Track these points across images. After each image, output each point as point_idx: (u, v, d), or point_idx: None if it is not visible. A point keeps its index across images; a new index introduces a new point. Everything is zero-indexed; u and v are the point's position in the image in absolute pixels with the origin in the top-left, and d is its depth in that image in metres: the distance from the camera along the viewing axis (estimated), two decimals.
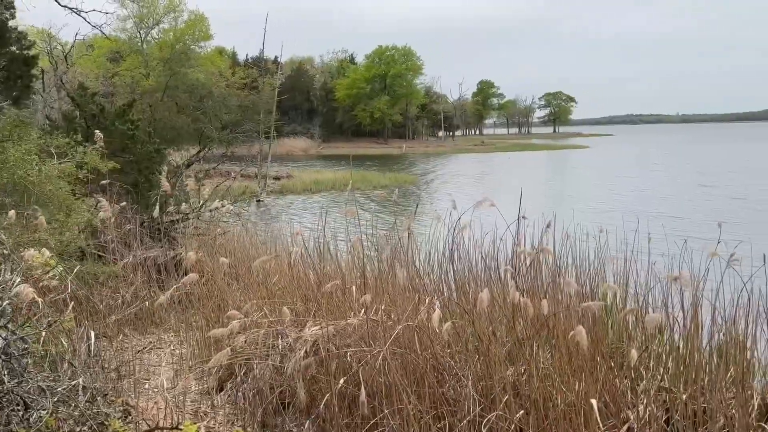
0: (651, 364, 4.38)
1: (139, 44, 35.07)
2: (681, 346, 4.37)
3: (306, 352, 3.52)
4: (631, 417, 3.74)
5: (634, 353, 3.25)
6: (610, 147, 65.09)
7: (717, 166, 33.01)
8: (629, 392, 4.10)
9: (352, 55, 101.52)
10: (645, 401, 3.98)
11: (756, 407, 4.03)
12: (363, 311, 3.80)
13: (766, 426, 3.73)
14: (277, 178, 30.34)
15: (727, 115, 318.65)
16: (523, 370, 3.74)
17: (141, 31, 36.23)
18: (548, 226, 4.35)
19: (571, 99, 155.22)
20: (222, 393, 4.63)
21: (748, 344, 4.48)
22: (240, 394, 4.31)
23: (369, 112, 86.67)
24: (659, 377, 4.23)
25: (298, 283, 5.19)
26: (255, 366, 4.17)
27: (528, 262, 4.07)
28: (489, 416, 3.38)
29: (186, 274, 4.34)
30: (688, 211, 15.75)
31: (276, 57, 48.93)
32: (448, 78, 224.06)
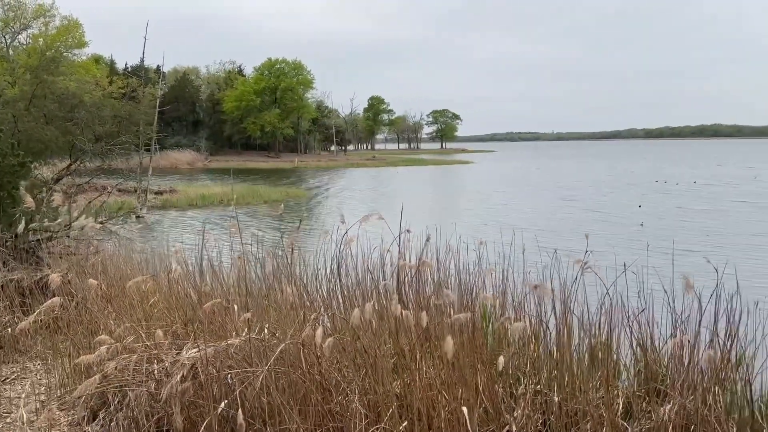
0: (527, 370, 4.59)
1: (4, 50, 32.31)
2: (554, 351, 4.62)
3: (183, 376, 3.35)
4: (510, 421, 3.90)
5: (501, 360, 3.39)
6: (492, 162, 68.46)
7: (580, 181, 35.69)
8: (508, 397, 4.27)
9: (240, 66, 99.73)
10: (522, 405, 4.17)
11: (621, 406, 4.35)
12: (246, 330, 3.69)
13: (628, 425, 4.00)
14: (159, 193, 28.94)
15: (596, 134, 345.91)
16: (408, 382, 3.79)
17: (6, 36, 33.42)
18: (428, 239, 4.46)
19: (457, 116, 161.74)
20: (95, 423, 4.30)
21: (614, 347, 4.84)
22: (114, 423, 4.03)
23: (259, 125, 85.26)
24: (535, 382, 4.45)
25: (177, 303, 4.96)
26: (129, 393, 3.92)
27: (411, 275, 4.14)
28: (373, 429, 3.39)
29: (54, 297, 4.00)
30: (556, 223, 16.82)
31: (158, 66, 47.06)
32: (340, 93, 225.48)
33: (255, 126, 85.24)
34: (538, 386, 4.39)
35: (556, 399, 4.10)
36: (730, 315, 4.32)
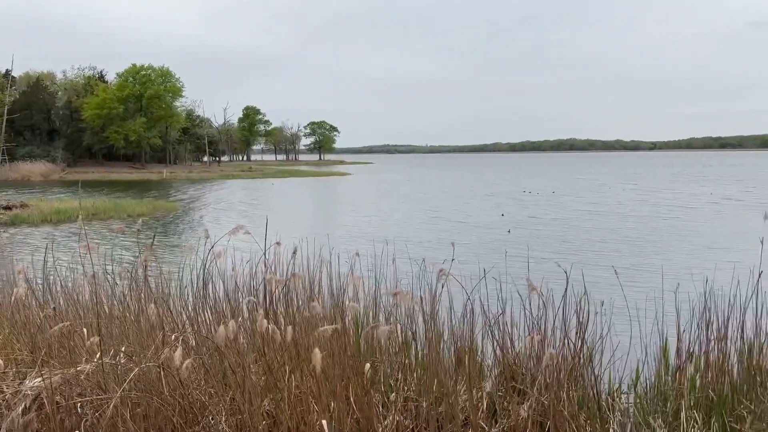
0: (399, 376, 4.68)
1: None
2: (423, 357, 4.75)
3: (26, 407, 3.04)
4: (381, 429, 3.94)
5: (367, 367, 3.43)
6: (369, 174, 69.59)
7: (450, 191, 37.36)
8: (380, 406, 4.33)
9: (101, 72, 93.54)
10: (393, 412, 4.24)
11: (486, 407, 4.55)
12: (99, 355, 3.43)
13: (491, 424, 4.18)
14: (7, 208, 26.31)
15: (465, 147, 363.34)
16: (279, 399, 3.72)
17: None
18: (295, 252, 4.42)
19: (335, 128, 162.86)
20: None
21: (479, 351, 5.07)
22: None
23: (123, 135, 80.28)
24: (406, 389, 4.54)
25: (23, 328, 4.51)
26: None
27: (280, 288, 4.08)
28: None
29: None
30: (426, 233, 17.42)
31: (7, 70, 42.64)
32: (213, 102, 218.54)
33: (118, 135, 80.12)
34: (409, 393, 4.49)
35: (425, 404, 4.21)
36: (579, 315, 4.68)
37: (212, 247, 4.37)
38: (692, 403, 4.33)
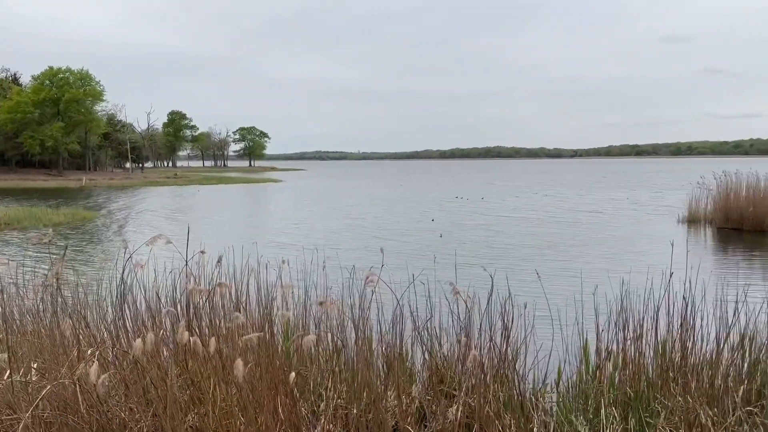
0: (329, 384, 4.65)
1: None
2: (355, 364, 4.74)
3: None
4: None
5: (292, 376, 3.39)
6: (301, 180, 68.99)
7: (382, 198, 37.63)
8: (311, 414, 4.28)
9: (15, 74, 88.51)
10: (323, 421, 4.20)
11: (415, 411, 4.59)
12: (8, 373, 3.23)
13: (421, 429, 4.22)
14: None
15: (397, 154, 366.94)
16: (204, 413, 3.61)
17: None
18: (219, 260, 4.32)
19: (265, 134, 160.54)
20: None
21: (409, 356, 5.11)
22: None
23: (39, 140, 76.10)
24: (336, 396, 4.51)
25: None
26: None
27: (204, 298, 3.97)
28: None
29: None
30: (357, 239, 17.45)
31: None
32: (136, 107, 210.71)
33: (33, 141, 75.89)
34: (339, 401, 4.46)
35: (355, 411, 4.20)
36: (504, 317, 4.80)
37: (130, 257, 4.21)
38: (611, 401, 4.52)
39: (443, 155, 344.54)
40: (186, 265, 4.07)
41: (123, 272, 4.02)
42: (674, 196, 30.17)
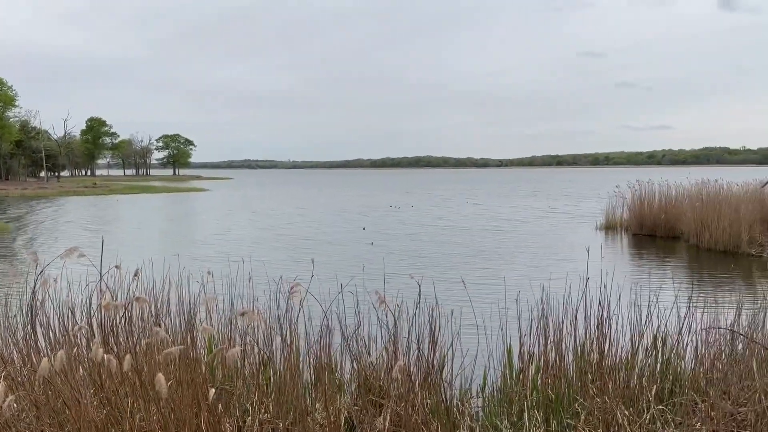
0: (255, 399, 4.55)
1: None
2: (282, 377, 4.67)
3: None
4: None
5: (212, 392, 3.30)
6: (228, 190, 67.49)
7: (310, 207, 37.38)
8: (235, 431, 4.17)
9: None
10: None
11: (343, 422, 4.57)
12: None
13: None
14: None
15: (328, 162, 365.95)
16: None
17: None
18: (137, 274, 4.16)
19: (190, 142, 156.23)
20: None
21: (338, 366, 5.08)
22: None
23: None
24: (263, 411, 4.42)
25: None
26: None
27: (121, 314, 3.80)
28: None
29: None
30: (285, 251, 17.21)
31: None
32: (51, 113, 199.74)
33: None
34: (266, 415, 4.38)
35: (281, 425, 4.13)
36: (432, 324, 4.87)
37: (41, 272, 3.98)
38: (534, 403, 4.65)
39: (374, 164, 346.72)
40: (100, 279, 3.89)
41: (34, 287, 3.79)
42: (593, 205, 31.58)
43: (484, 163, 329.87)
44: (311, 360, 4.81)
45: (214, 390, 3.33)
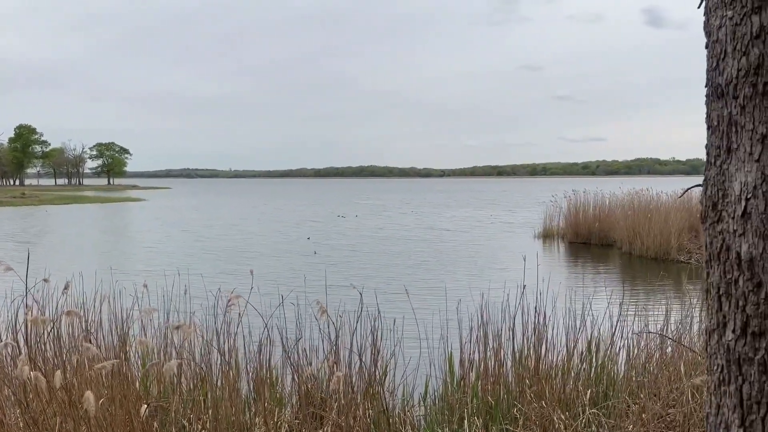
0: (193, 415, 4.43)
1: None
2: (220, 391, 4.56)
3: None
4: None
5: (144, 408, 3.19)
6: (165, 200, 65.64)
7: (251, 217, 36.81)
8: None
9: None
10: None
11: None
12: None
13: None
14: None
15: (271, 172, 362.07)
16: None
17: None
18: (66, 288, 3.99)
19: (126, 151, 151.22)
20: None
21: (279, 380, 5.01)
22: None
23: None
24: (200, 427, 4.31)
25: None
26: None
27: (49, 329, 3.63)
28: None
29: None
30: (224, 262, 16.86)
31: None
32: None
33: None
34: (204, 431, 4.26)
35: None
36: (374, 334, 4.87)
37: None
38: (474, 410, 4.71)
39: (318, 174, 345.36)
40: (26, 293, 3.70)
41: None
42: (531, 214, 32.42)
43: (427, 173, 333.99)
44: (251, 374, 4.72)
45: (146, 406, 3.22)
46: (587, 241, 20.67)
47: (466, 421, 4.53)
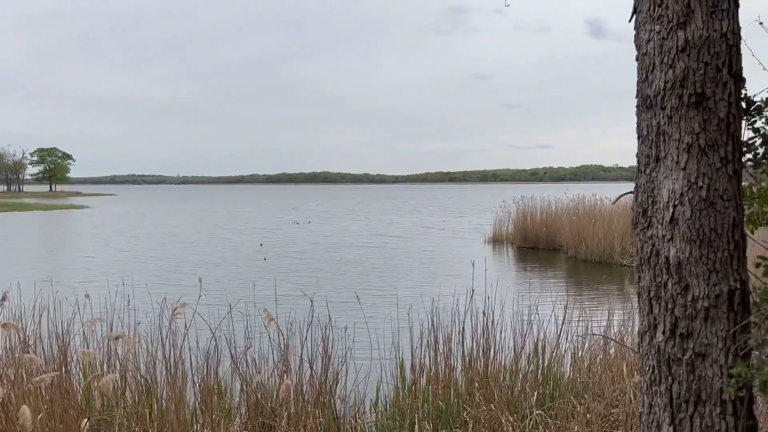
0: (137, 428, 4.31)
1: None
2: (165, 403, 4.45)
3: None
4: None
5: (84, 423, 3.09)
6: (110, 207, 63.60)
7: (202, 224, 36.06)
8: None
9: None
10: None
11: None
12: None
13: None
14: None
15: (221, 178, 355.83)
16: None
17: None
18: (5, 298, 3.83)
19: (69, 156, 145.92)
20: None
21: (227, 390, 4.92)
22: None
23: None
24: None
25: None
26: None
27: None
28: None
29: None
30: (172, 272, 16.45)
31: None
32: None
33: None
34: None
35: None
36: (326, 342, 4.84)
37: None
38: (425, 415, 4.74)
39: (270, 180, 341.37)
40: None
41: None
42: (482, 219, 32.91)
43: (380, 179, 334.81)
44: (198, 384, 4.63)
45: (86, 420, 3.11)
46: (535, 246, 21.12)
47: (416, 426, 4.55)
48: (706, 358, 1.32)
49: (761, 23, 1.79)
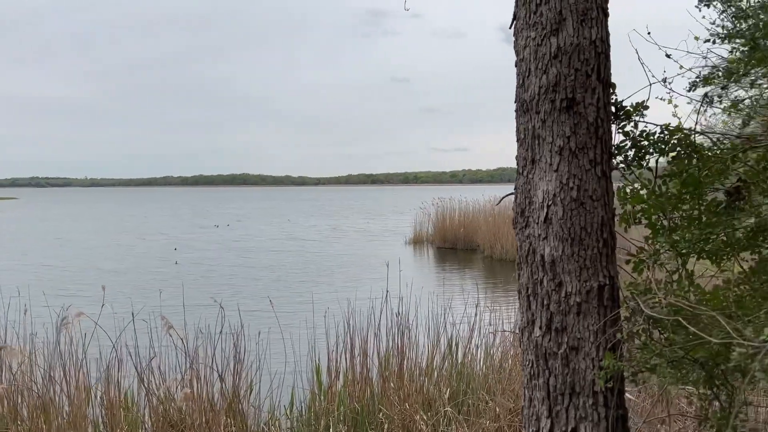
0: None
1: None
2: (65, 417, 4.23)
3: None
4: None
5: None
6: (10, 212, 59.48)
7: (106, 228, 34.45)
8: None
9: None
10: None
11: None
12: None
13: None
14: None
15: (133, 180, 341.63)
16: None
17: None
18: None
19: None
20: None
21: (133, 402, 4.72)
22: None
23: None
24: None
25: None
26: None
27: None
28: None
29: None
30: (72, 280, 15.63)
31: None
32: None
33: None
34: None
35: None
36: (238, 348, 4.74)
37: None
38: (341, 417, 4.73)
39: (185, 182, 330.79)
40: None
41: None
42: (402, 220, 33.29)
43: (302, 182, 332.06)
44: (100, 398, 4.42)
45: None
46: (454, 246, 21.59)
47: (331, 429, 4.54)
48: (579, 351, 1.39)
49: (645, 32, 1.91)
